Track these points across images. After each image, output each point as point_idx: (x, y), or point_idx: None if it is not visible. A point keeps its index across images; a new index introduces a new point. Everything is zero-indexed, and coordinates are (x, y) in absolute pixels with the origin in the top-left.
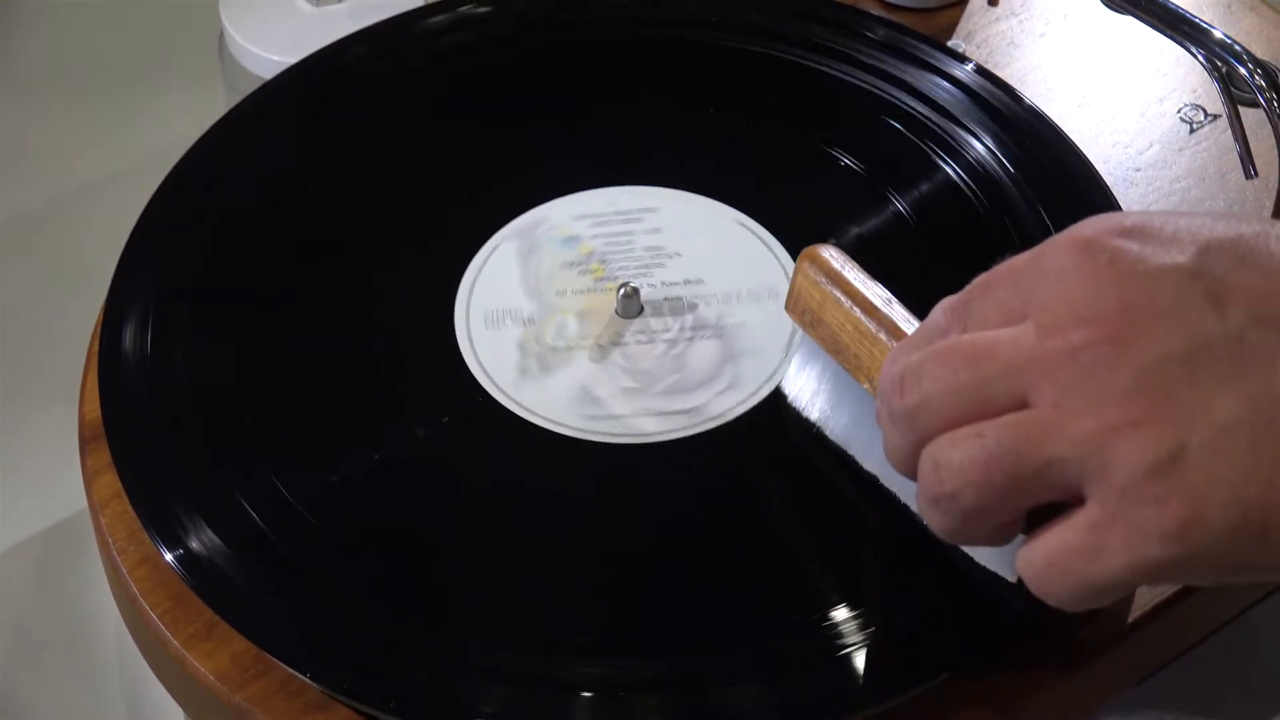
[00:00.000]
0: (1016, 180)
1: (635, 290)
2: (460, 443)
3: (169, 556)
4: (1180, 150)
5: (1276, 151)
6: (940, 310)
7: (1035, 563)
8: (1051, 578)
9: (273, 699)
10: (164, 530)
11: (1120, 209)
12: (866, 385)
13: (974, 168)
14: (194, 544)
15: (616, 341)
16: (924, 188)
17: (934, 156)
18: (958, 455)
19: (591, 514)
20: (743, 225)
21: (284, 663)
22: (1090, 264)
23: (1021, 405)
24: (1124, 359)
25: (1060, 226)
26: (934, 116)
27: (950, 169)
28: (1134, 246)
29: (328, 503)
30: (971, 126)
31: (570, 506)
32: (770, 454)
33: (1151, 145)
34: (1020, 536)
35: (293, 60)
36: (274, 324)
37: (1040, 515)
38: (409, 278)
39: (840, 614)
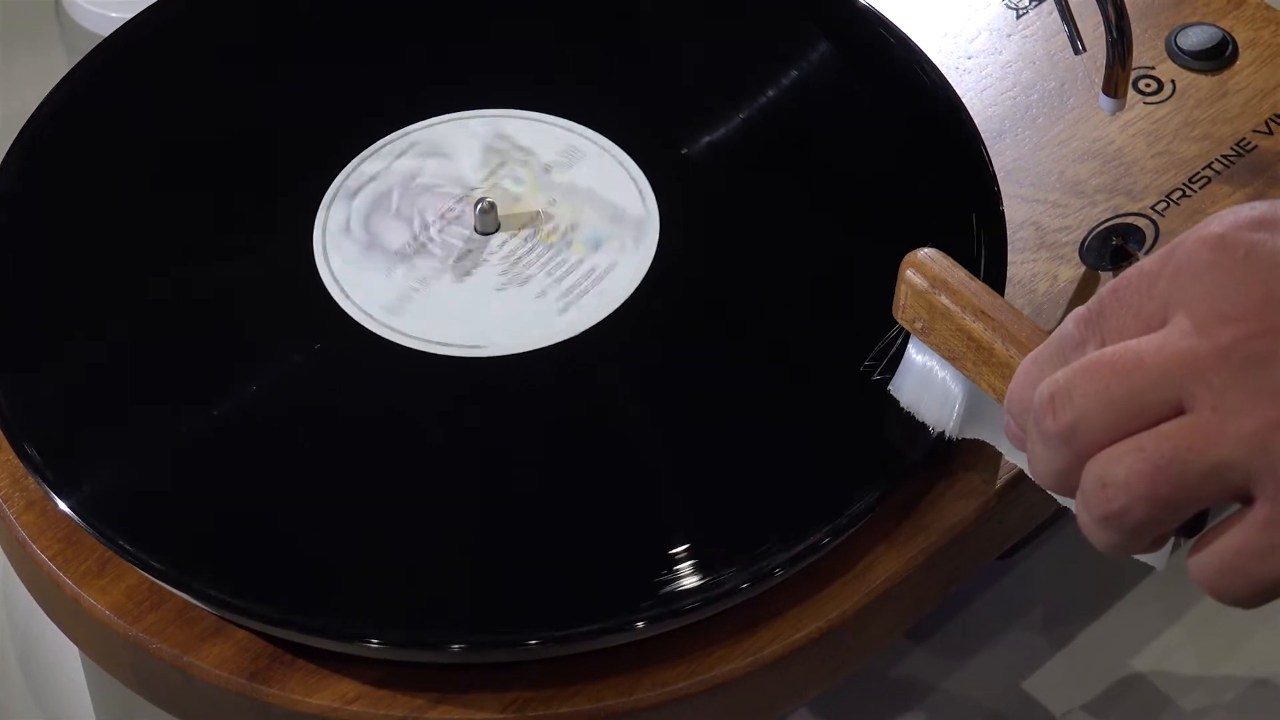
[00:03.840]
0: (849, 76)
1: (492, 204)
2: (360, 381)
3: (58, 500)
4: (1009, 36)
5: (1103, 29)
6: (1072, 322)
7: (1210, 566)
8: (1229, 581)
9: (169, 628)
10: (53, 472)
11: (957, 95)
12: (990, 393)
13: (805, 65)
14: (84, 485)
15: (514, 253)
16: (758, 86)
17: (759, 56)
18: (1122, 471)
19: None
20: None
21: (181, 589)
22: (1226, 260)
23: (1178, 412)
24: (1277, 352)
25: (896, 118)
26: (758, 21)
27: (776, 66)
28: (1267, 238)
29: (220, 434)
30: (800, 26)
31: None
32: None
33: (980, 33)
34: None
35: (130, 15)
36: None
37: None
38: (264, 229)
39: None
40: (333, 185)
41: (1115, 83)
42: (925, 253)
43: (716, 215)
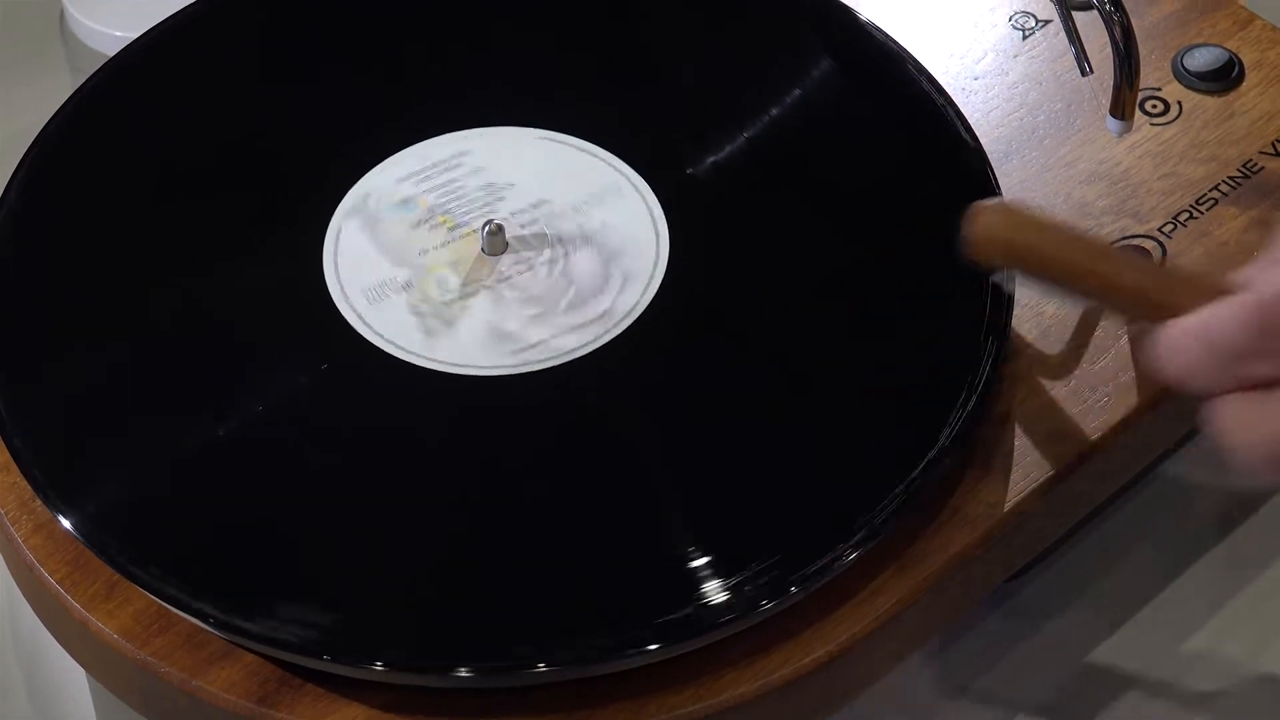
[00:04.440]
0: (855, 98)
1: (500, 226)
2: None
3: (65, 522)
4: (1015, 56)
5: (1110, 51)
6: (1238, 326)
7: None
8: None
9: (177, 652)
10: (60, 495)
11: (962, 114)
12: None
13: (812, 86)
14: (91, 507)
15: (500, 278)
16: (766, 112)
17: (766, 74)
18: None
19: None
20: (554, 140)
21: (189, 613)
22: None
23: None
24: None
25: (903, 140)
26: (763, 38)
27: (783, 86)
28: None
29: (227, 455)
30: (806, 48)
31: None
32: (688, 334)
33: (986, 54)
34: None
35: (135, 35)
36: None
37: None
38: (270, 275)
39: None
40: (359, 181)
41: (1123, 104)
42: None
43: (724, 246)
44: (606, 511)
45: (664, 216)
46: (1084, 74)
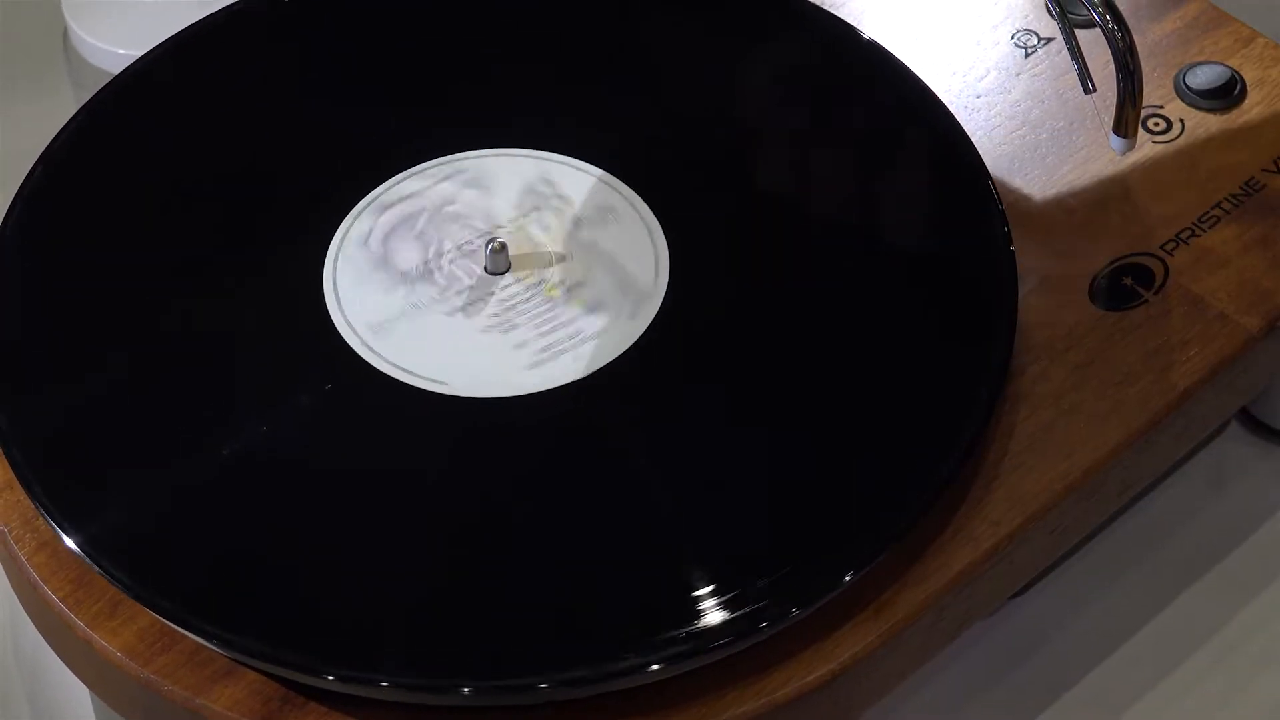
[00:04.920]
0: (859, 116)
1: (503, 245)
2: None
3: (69, 541)
4: (1018, 74)
5: (1114, 68)
6: None
7: None
8: None
9: (181, 670)
10: (63, 513)
11: (965, 132)
12: None
13: (816, 105)
14: (95, 524)
15: (504, 299)
16: (766, 125)
17: (774, 95)
18: None
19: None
20: (551, 161)
21: (191, 632)
22: None
23: None
24: None
25: (908, 157)
26: (772, 58)
27: (792, 106)
28: None
29: (233, 475)
30: (810, 66)
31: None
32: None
33: (989, 72)
34: None
35: (139, 52)
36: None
37: None
38: (273, 294)
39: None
40: (368, 196)
41: (1125, 122)
42: None
43: (722, 293)
44: (605, 533)
45: (661, 231)
46: (1087, 92)
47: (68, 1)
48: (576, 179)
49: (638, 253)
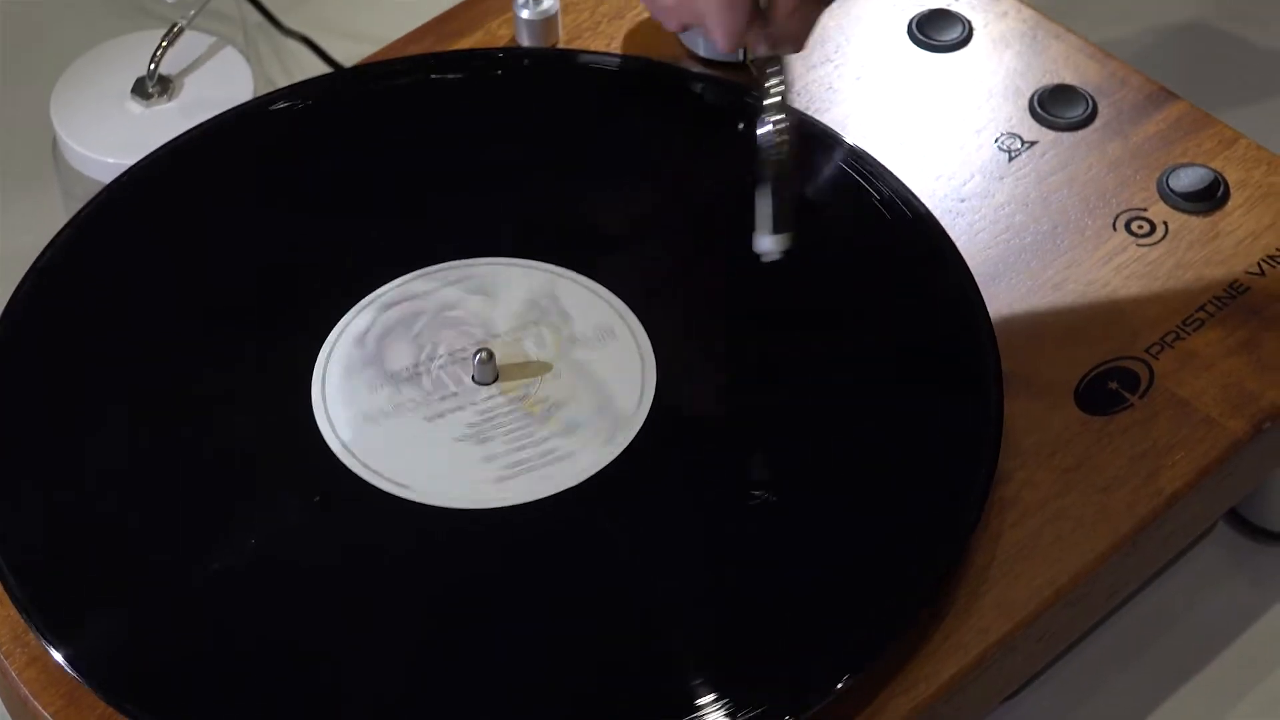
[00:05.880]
0: (843, 220)
1: (490, 354)
2: (361, 535)
3: (58, 655)
4: (1001, 178)
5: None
6: None
7: None
8: None
9: None
10: (52, 629)
11: (949, 237)
12: None
13: (799, 209)
14: (85, 641)
15: (484, 409)
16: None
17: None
18: None
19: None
20: (557, 274)
21: None
22: None
23: None
24: None
25: (894, 263)
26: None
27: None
28: None
29: (223, 593)
30: (794, 171)
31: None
32: (658, 486)
33: (973, 176)
34: None
35: (128, 161)
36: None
37: None
38: (262, 384)
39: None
40: (373, 293)
41: (780, 218)
42: None
43: (703, 426)
44: (539, 652)
45: (654, 358)
46: (776, 231)
47: (57, 111)
48: (582, 297)
49: (626, 378)
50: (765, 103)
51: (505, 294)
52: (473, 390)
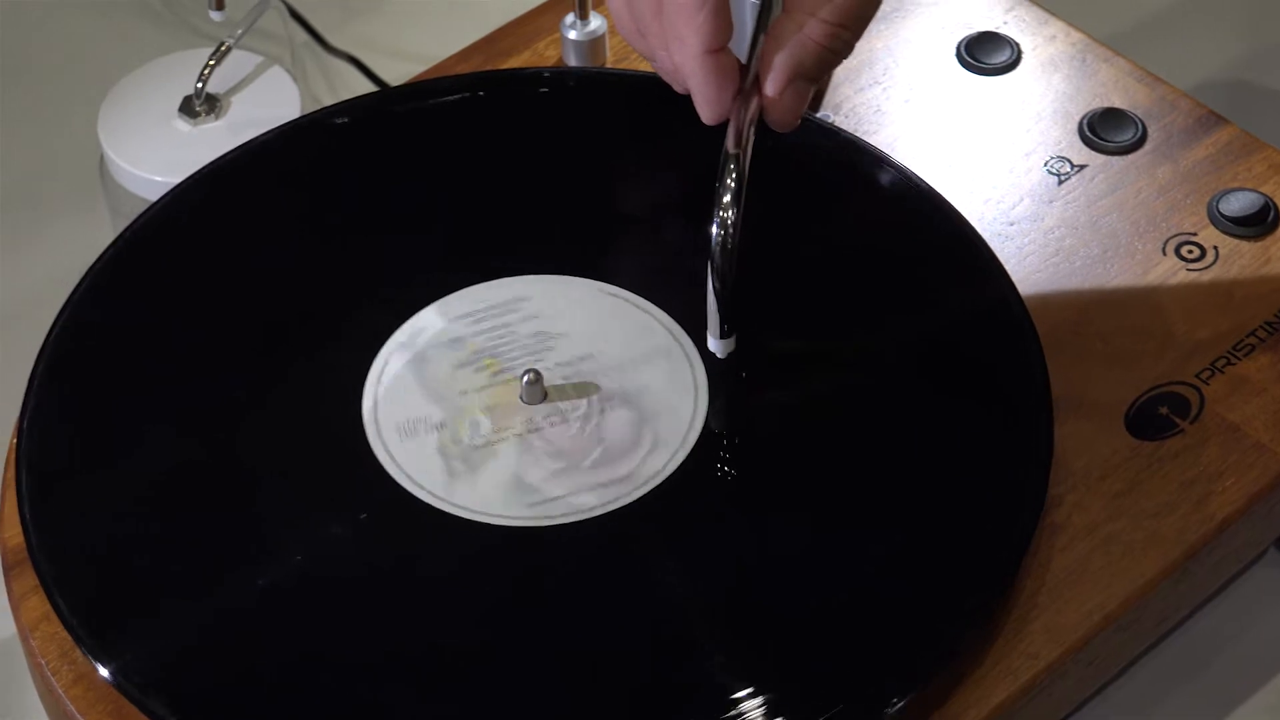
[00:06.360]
0: (893, 243)
1: (538, 375)
2: (406, 550)
3: (104, 671)
4: (1050, 202)
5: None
6: None
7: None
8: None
9: None
10: (100, 647)
11: (998, 260)
12: None
13: (849, 231)
14: (131, 657)
15: (532, 428)
16: (799, 252)
17: (808, 222)
18: None
19: (560, 592)
20: (614, 295)
21: None
22: None
23: None
24: None
25: (943, 286)
26: (806, 185)
27: (826, 233)
28: None
29: (268, 609)
30: (844, 193)
31: (535, 589)
32: (710, 506)
33: (1022, 199)
34: None
35: (175, 180)
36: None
37: None
38: (309, 403)
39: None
40: (426, 307)
41: (722, 324)
42: None
43: (760, 419)
44: (601, 672)
45: (707, 386)
46: (721, 338)
47: (105, 130)
48: (638, 319)
49: (676, 404)
50: (719, 197)
51: (560, 313)
52: (520, 409)
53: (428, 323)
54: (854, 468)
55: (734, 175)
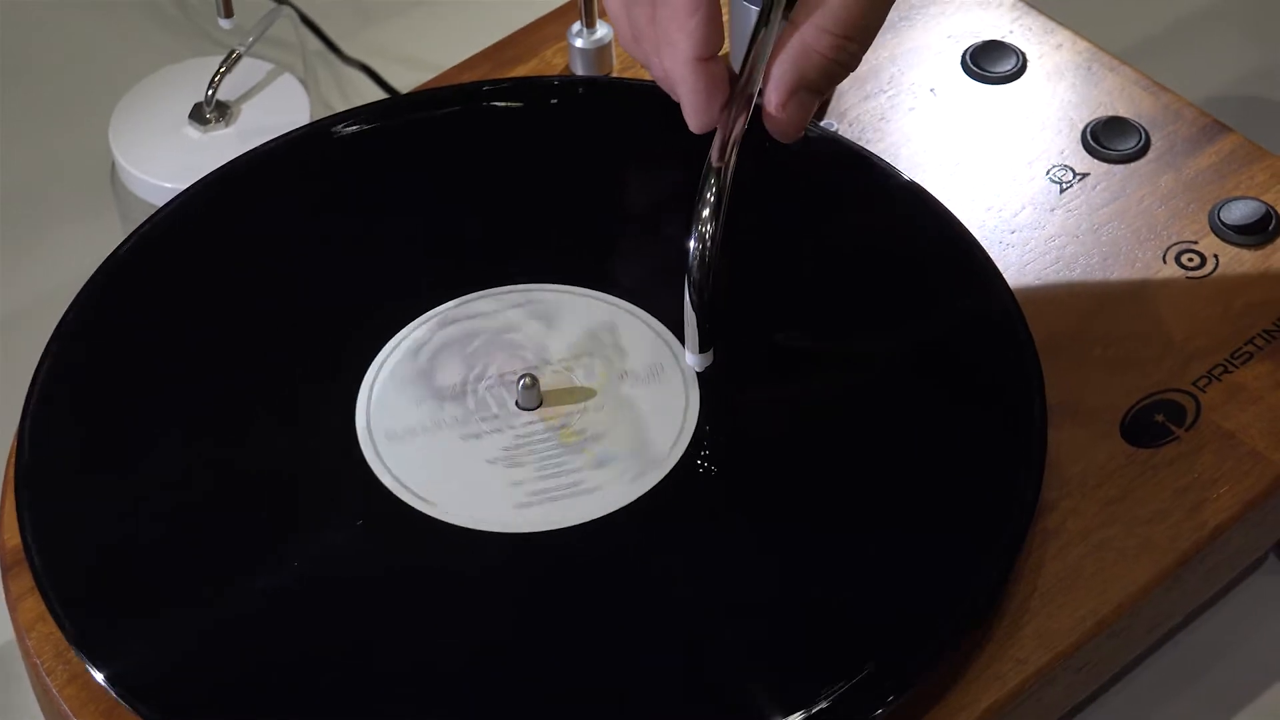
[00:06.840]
0: (894, 251)
1: (534, 380)
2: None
3: (98, 675)
4: (1052, 210)
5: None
6: None
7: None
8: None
9: None
10: (92, 647)
11: (999, 271)
12: None
13: (846, 237)
14: (123, 659)
15: (528, 433)
16: (801, 261)
17: (807, 228)
18: None
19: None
20: (611, 304)
21: None
22: None
23: None
24: None
25: (941, 292)
26: (808, 193)
27: (824, 239)
28: None
29: (262, 613)
30: (842, 200)
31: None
32: (703, 510)
33: (1024, 207)
34: None
35: (184, 185)
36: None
37: None
38: (309, 407)
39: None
40: (438, 308)
41: (700, 339)
42: None
43: (734, 471)
44: (597, 675)
45: (699, 393)
46: (698, 352)
47: (115, 136)
48: (641, 332)
49: (667, 419)
50: (698, 211)
51: (565, 322)
52: (514, 414)
53: (429, 328)
54: (848, 471)
55: (714, 189)
